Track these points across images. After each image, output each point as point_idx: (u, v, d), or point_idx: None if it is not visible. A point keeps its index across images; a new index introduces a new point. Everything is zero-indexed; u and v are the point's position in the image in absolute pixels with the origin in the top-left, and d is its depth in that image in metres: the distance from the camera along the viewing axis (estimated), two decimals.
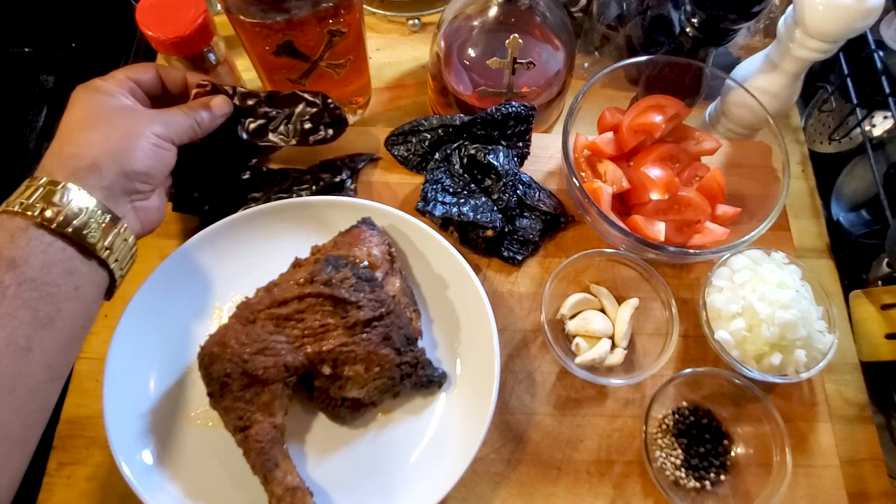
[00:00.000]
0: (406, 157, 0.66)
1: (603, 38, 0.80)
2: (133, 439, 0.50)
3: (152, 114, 0.51)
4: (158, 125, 0.50)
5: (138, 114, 0.50)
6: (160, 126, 0.50)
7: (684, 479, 0.54)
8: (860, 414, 0.63)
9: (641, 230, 0.59)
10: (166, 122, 0.51)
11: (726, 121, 0.72)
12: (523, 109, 0.63)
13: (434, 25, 0.68)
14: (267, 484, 0.47)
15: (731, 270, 0.59)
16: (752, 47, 0.80)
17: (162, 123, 0.50)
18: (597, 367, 0.57)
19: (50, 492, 0.53)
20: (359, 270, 0.52)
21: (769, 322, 0.55)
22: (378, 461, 0.52)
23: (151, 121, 0.50)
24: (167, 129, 0.50)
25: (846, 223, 0.73)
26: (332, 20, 0.57)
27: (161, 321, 0.54)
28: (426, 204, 0.59)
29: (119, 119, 0.48)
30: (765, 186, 0.62)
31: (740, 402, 0.56)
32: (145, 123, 0.49)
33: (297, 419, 0.53)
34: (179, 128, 0.52)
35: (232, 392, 0.48)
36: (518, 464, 0.55)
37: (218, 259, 0.58)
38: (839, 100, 0.78)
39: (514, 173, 0.63)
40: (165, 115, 0.52)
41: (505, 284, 0.62)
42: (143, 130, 0.48)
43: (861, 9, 0.56)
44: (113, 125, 0.47)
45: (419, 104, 0.78)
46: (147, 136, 0.48)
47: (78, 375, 0.56)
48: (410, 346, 0.52)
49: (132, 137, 0.47)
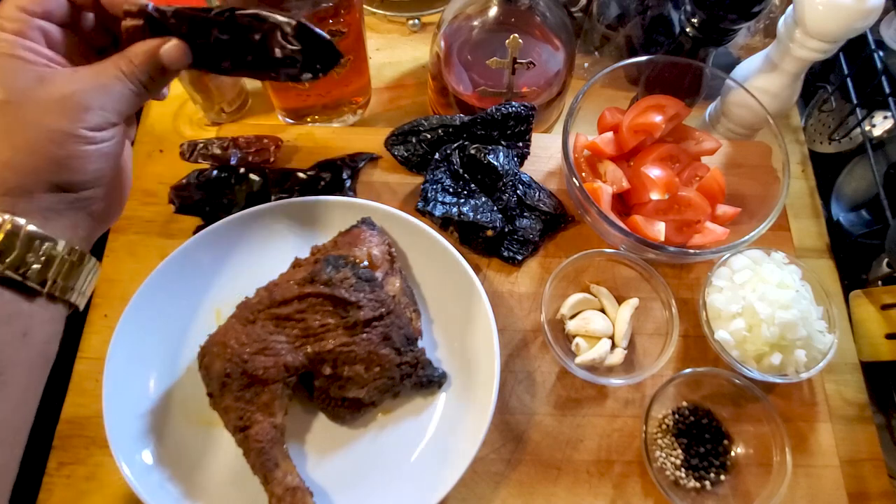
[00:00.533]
0: (406, 157, 0.66)
1: (603, 38, 0.80)
2: (133, 439, 0.50)
3: (77, 91, 0.36)
4: (91, 112, 0.36)
5: (56, 96, 0.35)
6: (94, 112, 0.36)
7: (684, 479, 0.54)
8: (860, 414, 0.63)
9: (641, 230, 0.59)
10: (100, 101, 0.37)
11: (726, 121, 0.72)
12: (523, 109, 0.63)
13: (434, 25, 0.68)
14: (267, 484, 0.47)
15: (731, 270, 0.59)
16: (752, 47, 0.80)
17: (96, 106, 0.36)
18: (597, 367, 0.57)
19: (50, 491, 0.52)
20: (359, 270, 0.52)
21: (769, 322, 0.55)
22: (378, 461, 0.52)
23: (79, 107, 0.36)
24: (104, 112, 0.37)
25: (846, 223, 0.73)
26: (332, 20, 0.57)
27: (161, 321, 0.54)
28: (426, 204, 0.59)
29: (30, 110, 0.35)
30: (765, 186, 0.62)
31: (740, 402, 0.56)
32: (72, 114, 0.35)
33: (297, 419, 0.53)
34: (120, 103, 0.38)
35: (232, 392, 0.48)
36: (518, 464, 0.55)
37: (218, 259, 0.58)
38: (839, 100, 0.78)
39: (514, 173, 0.63)
40: (96, 89, 0.37)
41: (505, 284, 0.62)
42: (73, 127, 0.35)
43: (861, 9, 0.56)
44: (24, 125, 0.35)
45: (419, 104, 0.78)
46: (79, 134, 0.36)
47: (78, 375, 0.56)
48: (410, 346, 0.52)
49: (60, 143, 0.35)
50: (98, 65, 0.38)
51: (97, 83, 0.37)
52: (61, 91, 0.36)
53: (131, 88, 0.38)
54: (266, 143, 0.65)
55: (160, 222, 0.63)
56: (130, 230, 0.62)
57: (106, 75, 0.37)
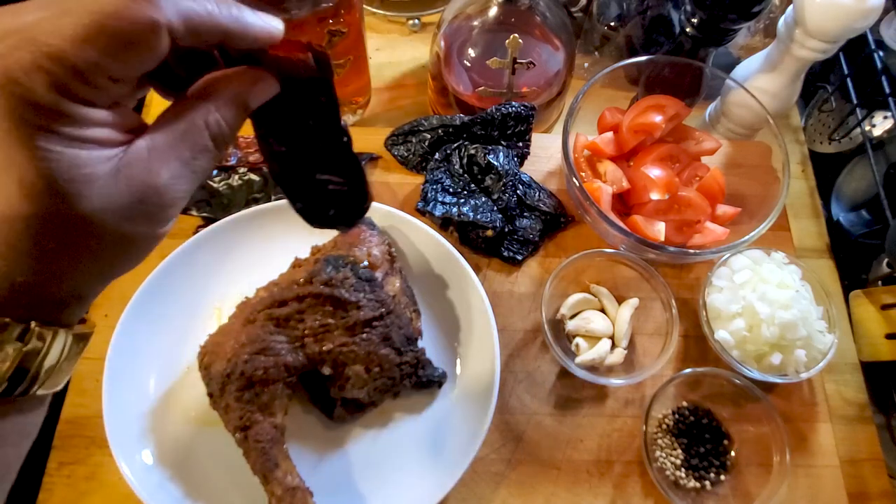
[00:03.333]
0: (406, 157, 0.66)
1: (603, 38, 0.80)
2: (133, 439, 0.50)
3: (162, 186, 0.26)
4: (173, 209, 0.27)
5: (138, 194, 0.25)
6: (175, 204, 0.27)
7: (684, 479, 0.54)
8: (860, 414, 0.63)
9: (641, 230, 0.59)
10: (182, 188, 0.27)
11: (726, 121, 0.72)
12: (523, 109, 0.63)
13: (434, 25, 0.68)
14: (267, 484, 0.47)
15: (731, 270, 0.59)
16: (752, 47, 0.80)
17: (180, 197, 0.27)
18: (597, 367, 0.57)
19: (50, 491, 0.52)
20: (359, 270, 0.52)
21: (769, 322, 0.55)
22: (378, 461, 0.52)
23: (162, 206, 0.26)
24: (183, 200, 0.27)
25: (846, 223, 0.73)
26: (332, 20, 0.57)
27: (161, 321, 0.54)
28: (426, 204, 0.59)
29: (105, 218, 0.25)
30: (765, 186, 0.62)
31: (740, 402, 0.56)
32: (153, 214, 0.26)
33: (297, 419, 0.53)
34: (199, 181, 0.28)
35: (232, 392, 0.48)
36: (518, 464, 0.55)
37: (218, 259, 0.58)
38: (839, 100, 0.78)
39: (514, 173, 0.63)
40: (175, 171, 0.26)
41: (505, 284, 0.62)
42: (153, 231, 0.27)
43: (861, 9, 0.56)
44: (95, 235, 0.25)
45: (419, 104, 0.78)
46: (156, 236, 0.27)
47: (78, 375, 0.56)
48: (410, 346, 0.52)
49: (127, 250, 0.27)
50: (170, 143, 0.26)
51: (178, 171, 0.26)
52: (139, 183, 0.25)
53: (210, 161, 0.27)
54: None
55: None
56: None
57: (183, 157, 0.26)
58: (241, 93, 0.28)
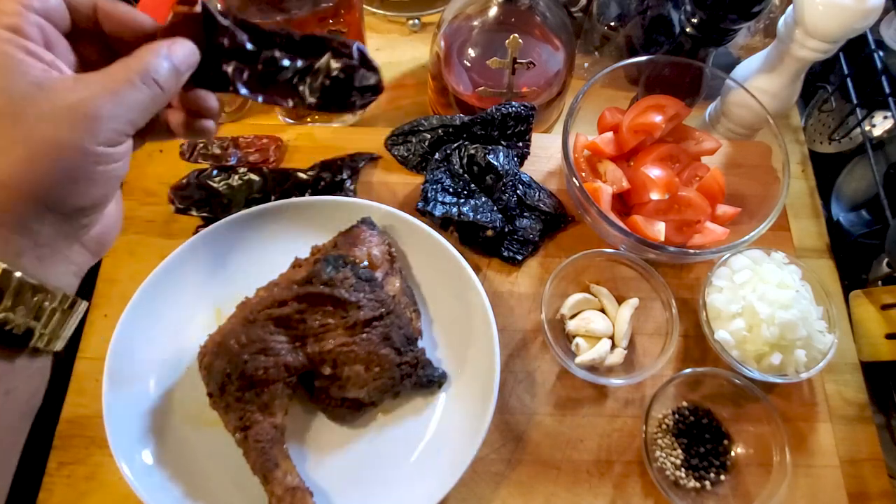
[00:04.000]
0: (406, 157, 0.66)
1: (603, 38, 0.80)
2: (133, 439, 0.50)
3: (85, 99, 0.30)
4: (103, 124, 0.30)
5: (62, 105, 0.30)
6: (107, 124, 0.31)
7: (684, 479, 0.54)
8: (860, 414, 0.63)
9: (641, 230, 0.59)
10: (112, 110, 0.31)
11: (726, 121, 0.72)
12: (523, 109, 0.63)
13: (434, 25, 0.68)
14: (267, 484, 0.47)
15: (731, 270, 0.59)
16: (752, 47, 0.80)
17: (108, 116, 0.31)
18: (597, 367, 0.57)
19: (50, 491, 0.52)
20: (359, 270, 0.52)
21: (769, 322, 0.55)
22: (378, 461, 0.52)
23: (89, 118, 0.30)
24: (117, 123, 0.31)
25: (846, 223, 0.73)
26: (332, 20, 0.57)
27: (161, 321, 0.54)
28: (426, 204, 0.59)
29: (30, 120, 0.29)
30: (765, 186, 0.62)
31: (740, 402, 0.56)
32: (83, 126, 0.30)
33: (297, 419, 0.53)
34: (133, 112, 0.32)
35: (232, 392, 0.48)
36: (518, 464, 0.55)
37: (218, 259, 0.58)
38: (839, 100, 0.78)
39: (514, 173, 0.63)
40: (107, 97, 0.31)
41: (505, 284, 0.62)
42: (85, 141, 0.30)
43: (861, 9, 0.56)
44: (24, 138, 0.29)
45: (419, 104, 0.78)
46: (92, 151, 0.30)
47: (78, 375, 0.56)
48: (410, 346, 0.52)
49: (68, 160, 0.30)
50: (105, 70, 0.32)
51: (107, 90, 0.31)
52: (67, 99, 0.30)
53: (145, 95, 0.32)
54: (266, 143, 0.65)
55: (160, 222, 0.63)
56: (130, 230, 0.62)
57: (116, 80, 0.31)
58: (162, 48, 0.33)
